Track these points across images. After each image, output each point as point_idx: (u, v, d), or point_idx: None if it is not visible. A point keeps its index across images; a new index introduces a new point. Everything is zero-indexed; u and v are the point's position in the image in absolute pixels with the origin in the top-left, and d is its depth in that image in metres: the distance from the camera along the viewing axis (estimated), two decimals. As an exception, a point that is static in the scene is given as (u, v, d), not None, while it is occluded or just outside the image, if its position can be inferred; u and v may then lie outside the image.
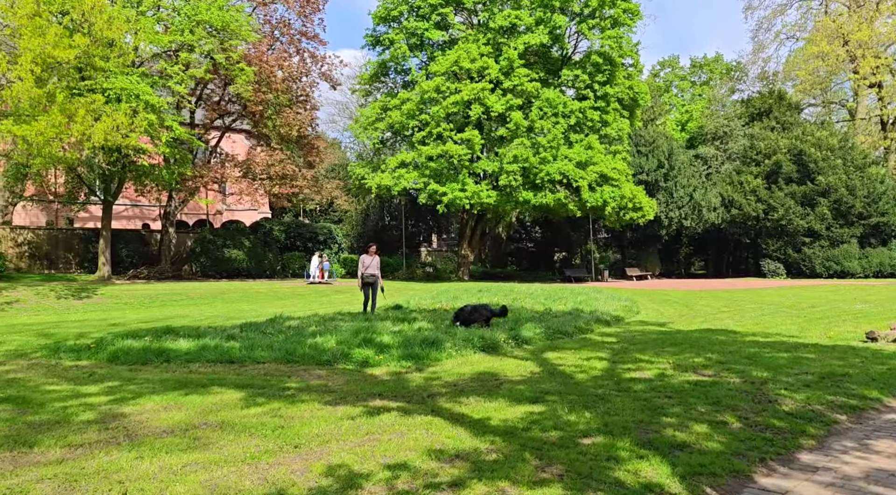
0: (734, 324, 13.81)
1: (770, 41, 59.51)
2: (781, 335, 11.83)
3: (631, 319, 15.32)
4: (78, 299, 21.30)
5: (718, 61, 72.23)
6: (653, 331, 12.64)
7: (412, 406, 6.22)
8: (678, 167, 43.92)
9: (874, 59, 45.84)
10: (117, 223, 45.10)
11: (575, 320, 13.51)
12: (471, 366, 8.63)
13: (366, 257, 15.46)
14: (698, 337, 11.56)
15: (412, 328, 12.03)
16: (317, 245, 45.80)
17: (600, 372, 8.07)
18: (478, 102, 32.99)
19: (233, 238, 38.93)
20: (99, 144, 20.54)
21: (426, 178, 33.19)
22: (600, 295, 21.48)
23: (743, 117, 51.75)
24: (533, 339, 10.98)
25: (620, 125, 36.62)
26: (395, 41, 35.40)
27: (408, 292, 27.22)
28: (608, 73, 35.13)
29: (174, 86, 27.60)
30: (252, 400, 6.38)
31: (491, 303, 17.55)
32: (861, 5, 49.08)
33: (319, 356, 8.82)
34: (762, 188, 42.86)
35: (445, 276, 42.16)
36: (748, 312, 16.61)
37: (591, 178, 33.42)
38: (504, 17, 33.30)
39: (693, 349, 9.99)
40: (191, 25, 28.16)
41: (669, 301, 21.30)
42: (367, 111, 36.61)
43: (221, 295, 25.35)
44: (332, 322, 13.38)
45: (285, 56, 34.60)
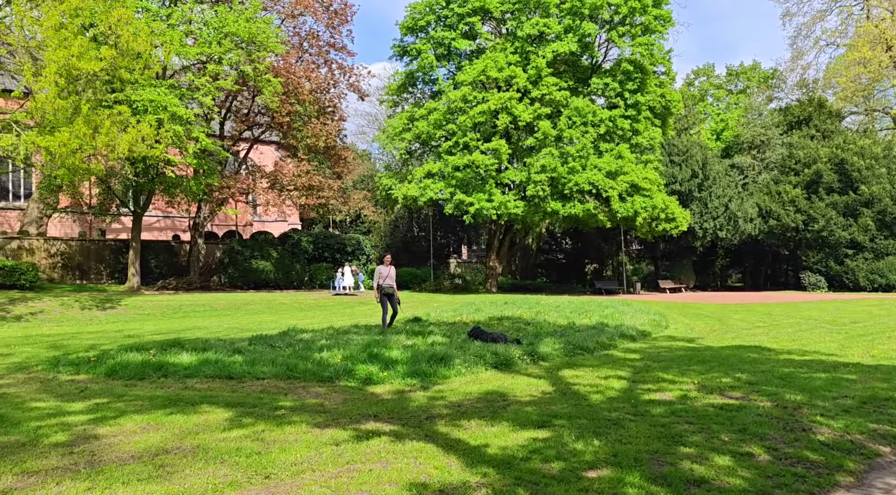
0: (768, 341, 13.02)
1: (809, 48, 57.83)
2: (819, 353, 11.05)
3: (658, 334, 14.61)
4: (101, 310, 21.37)
5: (755, 69, 70.67)
6: (680, 348, 11.95)
7: (407, 430, 5.75)
8: (713, 177, 42.78)
9: (920, 64, 44.13)
10: (149, 234, 45.72)
11: (598, 335, 12.90)
12: (479, 384, 8.13)
13: (382, 268, 14.95)
14: (728, 354, 10.86)
15: (425, 342, 11.57)
16: (345, 256, 45.72)
17: (617, 392, 7.49)
18: (505, 112, 32.53)
19: (261, 249, 39.04)
20: (123, 155, 20.62)
21: (452, 189, 32.80)
22: (629, 308, 20.73)
23: (781, 126, 50.29)
24: (550, 355, 10.42)
25: (652, 134, 35.77)
26: (422, 51, 35.23)
27: (432, 304, 26.78)
28: (639, 80, 34.38)
29: (201, 98, 27.78)
30: (238, 421, 5.99)
31: (513, 316, 17.03)
32: (905, 9, 47.39)
33: (322, 372, 8.42)
34: (802, 198, 41.44)
35: (473, 288, 41.62)
36: (784, 328, 15.75)
37: (622, 188, 32.64)
38: (532, 26, 32.86)
39: (721, 368, 9.32)
40: (218, 37, 28.37)
41: (701, 315, 20.44)
42: (394, 121, 36.46)
43: (245, 306, 25.25)
44: (346, 335, 13.00)
45: (313, 67, 34.70)
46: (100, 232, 39.77)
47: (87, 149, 18.56)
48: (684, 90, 66.40)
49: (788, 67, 61.00)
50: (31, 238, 33.56)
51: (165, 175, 27.89)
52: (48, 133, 17.86)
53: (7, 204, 40.35)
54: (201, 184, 29.94)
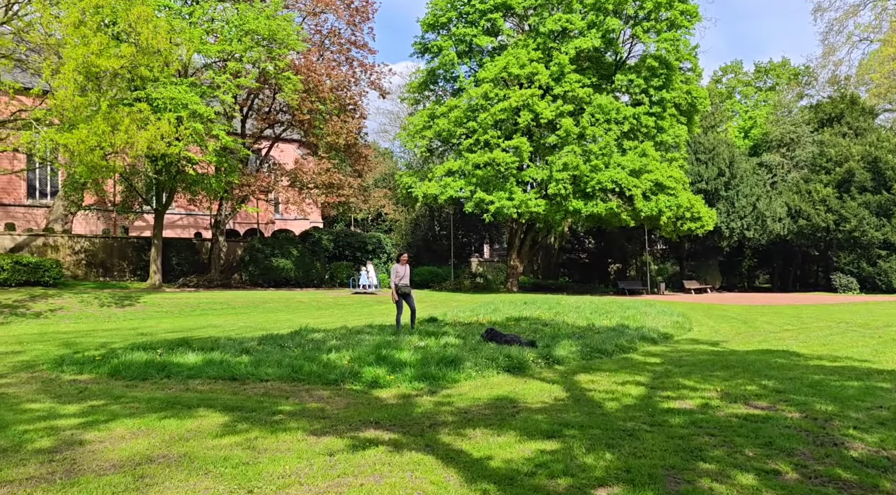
0: (797, 345, 12.48)
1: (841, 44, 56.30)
2: (852, 359, 10.51)
3: (681, 337, 14.11)
4: (120, 307, 21.41)
5: (785, 66, 69.13)
6: (703, 352, 11.48)
7: (407, 439, 5.44)
8: (740, 175, 41.82)
9: (957, 59, 42.68)
10: (172, 232, 46.09)
11: (617, 337, 12.46)
12: (490, 389, 7.79)
13: (398, 266, 14.46)
14: (754, 359, 10.36)
15: (438, 344, 11.26)
16: (365, 254, 45.61)
17: (634, 400, 7.10)
18: (527, 109, 32.08)
19: (281, 247, 39.07)
20: (142, 153, 20.63)
21: (473, 187, 32.44)
22: (651, 309, 20.19)
23: (811, 123, 49.04)
24: (566, 359, 10.03)
25: (677, 131, 35.03)
26: (443, 48, 34.90)
27: (450, 303, 26.47)
28: (664, 77, 33.67)
29: (222, 96, 27.79)
30: (232, 427, 5.72)
31: (531, 316, 16.64)
32: (942, 2, 45.86)
33: (327, 374, 8.14)
34: (833, 197, 40.33)
35: (494, 288, 41.21)
36: (814, 331, 15.14)
37: (646, 187, 31.98)
38: (554, 22, 32.34)
39: (747, 374, 8.86)
40: (239, 35, 28.35)
41: (727, 317, 19.83)
42: (415, 119, 36.19)
43: (263, 304, 25.17)
44: (358, 335, 12.73)
45: (334, 65, 34.57)
46: (123, 229, 40.14)
47: (105, 146, 18.52)
48: (711, 87, 65.18)
49: (819, 64, 59.54)
50: (55, 235, 33.95)
51: (186, 172, 27.91)
52: (67, 130, 17.88)
53: (34, 202, 40.92)
54: (221, 181, 29.99)
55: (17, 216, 39.87)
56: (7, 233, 32.78)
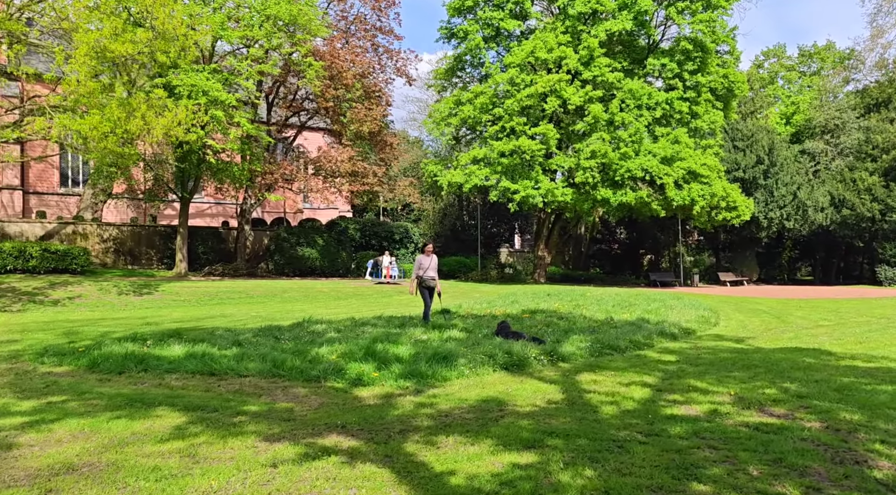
0: (830, 343, 11.58)
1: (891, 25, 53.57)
2: (889, 359, 9.62)
3: (705, 332, 13.29)
4: (138, 296, 21.38)
5: (830, 49, 66.28)
6: (725, 349, 10.69)
7: (368, 447, 4.90)
8: (780, 163, 40.15)
9: None
10: (201, 220, 46.41)
11: (634, 332, 11.74)
12: (481, 388, 7.21)
13: (423, 257, 13.59)
14: (780, 358, 9.55)
15: (441, 337, 10.71)
16: (392, 244, 45.28)
17: (635, 404, 6.43)
18: (554, 95, 31.14)
19: (307, 236, 38.94)
20: (158, 139, 20.47)
21: (498, 175, 31.70)
22: (678, 302, 19.30)
23: (857, 108, 46.87)
24: (573, 356, 9.37)
25: (713, 117, 33.65)
26: (469, 33, 34.09)
27: (473, 294, 25.89)
28: (699, 60, 32.33)
29: (243, 82, 27.55)
30: (183, 430, 5.26)
31: (549, 309, 15.97)
32: None
33: (309, 370, 7.66)
34: (879, 186, 38.46)
35: (521, 278, 40.45)
36: (851, 327, 14.14)
37: (678, 175, 30.80)
38: (584, 3, 31.25)
39: (768, 375, 8.09)
40: (261, 20, 28.05)
41: (759, 311, 18.84)
42: (440, 106, 35.54)
43: (282, 293, 24.96)
44: (362, 327, 12.25)
45: (358, 51, 34.09)
46: (151, 217, 40.47)
47: (119, 132, 18.37)
48: (752, 72, 62.89)
49: (867, 47, 56.82)
50: (85, 223, 34.33)
51: (208, 161, 27.78)
52: (80, 116, 17.77)
53: (67, 190, 41.56)
54: (244, 169, 29.85)
55: (51, 204, 40.54)
56: (37, 221, 33.26)
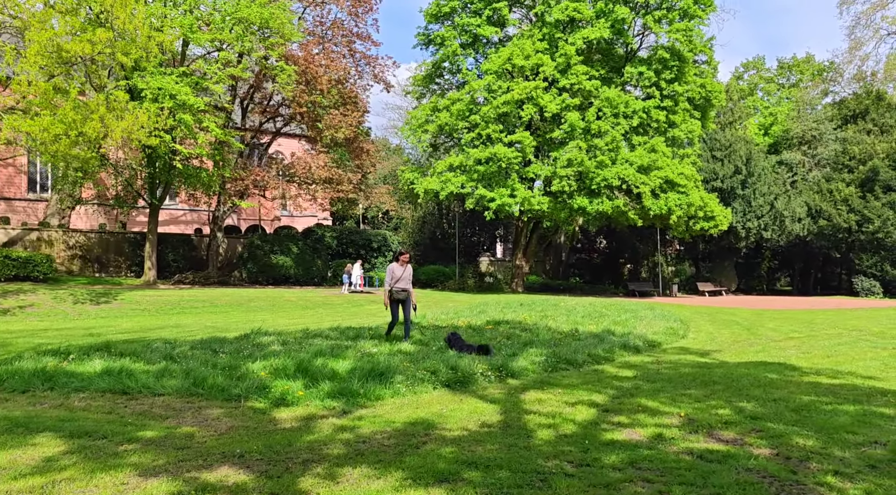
0: (798, 357, 11.17)
1: (868, 38, 53.89)
2: (855, 374, 9.20)
3: (671, 345, 12.85)
4: (95, 305, 20.61)
5: (809, 62, 66.86)
6: (688, 363, 10.23)
7: (259, 482, 4.33)
8: (757, 173, 40.11)
9: None
10: (175, 227, 45.56)
11: (596, 346, 11.26)
12: (414, 409, 6.66)
13: (396, 267, 12.28)
14: (742, 374, 9.10)
15: (391, 350, 10.16)
16: (370, 252, 44.66)
17: (576, 427, 5.92)
18: (531, 102, 30.81)
19: (281, 244, 38.24)
20: (117, 143, 19.80)
21: (474, 183, 31.27)
22: (650, 313, 18.89)
23: (835, 120, 47.05)
24: (525, 371, 8.86)
25: (690, 127, 33.48)
26: (446, 39, 33.73)
27: (446, 304, 25.36)
28: (676, 69, 32.16)
29: (212, 85, 26.91)
30: (52, 463, 4.66)
31: (514, 320, 15.48)
32: (976, -7, 43.64)
33: (231, 388, 7.07)
34: (855, 197, 38.49)
35: (498, 288, 39.99)
36: (821, 340, 13.76)
37: (655, 184, 30.52)
38: (561, 10, 31.00)
39: (726, 393, 7.62)
40: (231, 23, 27.48)
41: (731, 322, 18.46)
42: (417, 112, 35.11)
43: (248, 302, 24.27)
44: (312, 339, 11.67)
45: (333, 56, 33.57)
46: (121, 224, 39.58)
47: (73, 135, 17.70)
48: (732, 83, 63.16)
49: (845, 59, 57.34)
50: (50, 229, 33.42)
51: (175, 166, 27.06)
52: (31, 117, 17.09)
53: (36, 196, 40.60)
54: (214, 175, 29.17)
55: (19, 210, 39.57)
56: (1, 227, 32.32)
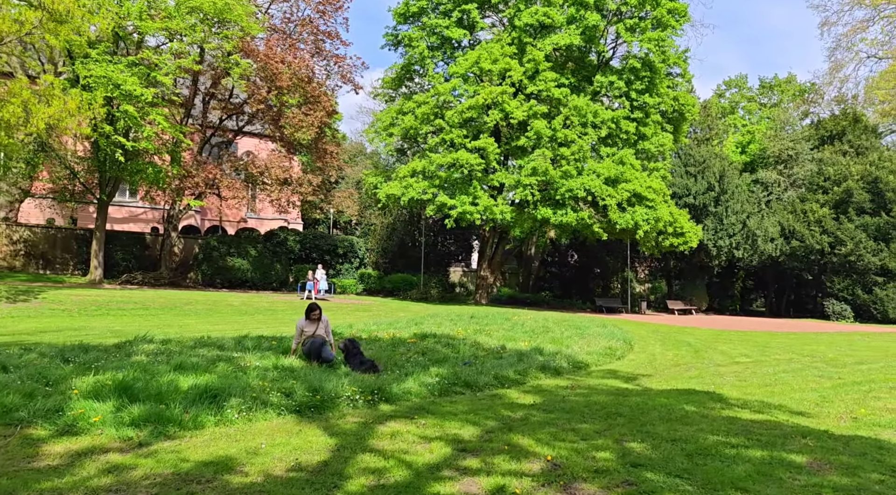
0: (731, 385, 10.12)
1: (849, 60, 53.68)
2: (785, 409, 8.15)
3: (600, 367, 11.77)
4: (11, 303, 19.24)
5: (790, 82, 66.78)
6: (604, 390, 9.14)
7: None
8: (731, 191, 39.37)
9: (968, 77, 40.17)
10: (134, 225, 44.06)
11: (512, 366, 10.17)
12: (230, 442, 5.50)
13: (305, 323, 10.11)
14: (658, 404, 8.02)
15: (279, 364, 9.01)
16: (335, 258, 43.40)
17: (405, 475, 4.78)
18: (497, 107, 29.84)
19: (239, 246, 36.93)
20: (40, 130, 18.53)
21: (435, 189, 30.19)
22: (602, 330, 17.76)
23: (812, 140, 46.53)
24: (407, 395, 7.72)
25: (661, 140, 32.66)
26: (414, 39, 32.74)
27: (398, 313, 24.21)
28: (647, 80, 31.33)
29: (161, 76, 25.71)
30: None
31: (443, 333, 14.38)
32: (955, 17, 43.40)
33: (18, 409, 5.87)
34: (829, 218, 37.80)
35: (462, 299, 38.88)
36: (768, 366, 12.73)
37: (622, 197, 29.58)
38: (531, 15, 30.11)
39: (624, 429, 6.53)
40: (185, 12, 26.31)
41: (683, 343, 17.44)
42: (382, 115, 34.05)
43: (185, 305, 22.95)
44: (200, 348, 10.48)
45: (298, 54, 32.45)
46: (71, 220, 38.10)
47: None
48: (714, 101, 62.82)
49: (826, 80, 57.06)
50: (-8, 223, 31.96)
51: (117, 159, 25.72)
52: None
53: (-12, 188, 38.99)
54: (161, 171, 27.87)
55: (-33, 202, 37.93)
56: (-63, 219, 30.80)
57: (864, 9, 49.47)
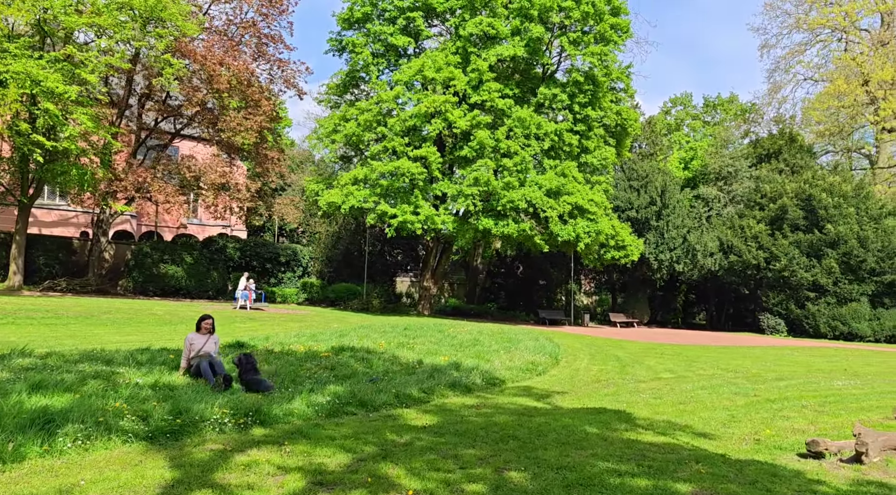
0: (645, 403, 9.82)
1: (787, 81, 55.46)
2: (689, 430, 7.86)
3: (517, 383, 11.37)
4: None
5: (733, 102, 68.66)
6: (511, 409, 8.71)
7: None
8: (672, 205, 39.89)
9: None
10: (65, 229, 42.11)
11: (421, 382, 9.68)
12: (53, 478, 4.83)
13: (195, 336, 9.65)
14: (561, 426, 7.62)
15: (160, 382, 8.29)
16: (277, 267, 42.31)
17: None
18: (440, 116, 29.48)
19: (174, 253, 35.55)
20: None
21: (377, 198, 29.60)
22: (533, 343, 17.39)
23: (750, 158, 47.65)
24: (289, 416, 7.13)
25: (604, 153, 32.81)
26: (358, 45, 32.18)
27: (332, 324, 23.44)
28: (591, 93, 31.44)
29: (86, 74, 24.47)
30: None
31: (362, 347, 13.79)
32: (886, 43, 45.18)
33: None
34: (765, 234, 38.59)
35: (406, 310, 38.30)
36: (688, 382, 12.54)
37: (563, 209, 29.51)
38: (475, 25, 29.91)
39: (511, 454, 6.09)
40: (113, 9, 25.20)
41: (613, 357, 17.24)
42: (325, 121, 33.31)
43: (102, 314, 21.74)
44: (83, 363, 9.65)
45: (235, 54, 31.51)
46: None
47: None
48: (660, 118, 64.03)
49: (765, 101, 58.81)
50: None
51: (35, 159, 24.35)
52: None
53: None
54: (86, 174, 26.56)
55: None
56: None
57: (802, 32, 51.24)
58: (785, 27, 60.90)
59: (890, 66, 42.42)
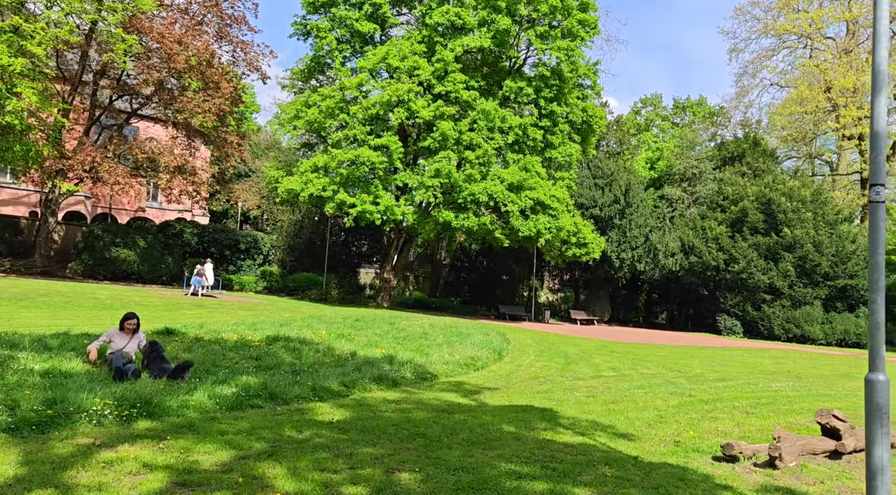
0: (576, 401, 9.57)
1: (754, 86, 56.05)
2: (611, 430, 7.60)
3: (450, 378, 11.04)
4: None
5: (702, 104, 69.30)
6: (433, 405, 8.36)
7: None
8: (636, 204, 39.98)
9: (857, 109, 42.36)
10: (15, 209, 40.74)
11: (343, 375, 9.28)
12: None
13: (116, 333, 9.11)
14: (479, 423, 7.29)
15: (55, 369, 7.77)
16: (237, 254, 41.44)
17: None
18: (403, 106, 29.00)
19: (126, 236, 34.55)
20: None
21: (336, 186, 29.03)
22: (482, 338, 17.09)
23: (715, 160, 48.06)
24: (185, 408, 6.67)
25: (569, 150, 32.66)
26: (322, 30, 31.50)
27: (284, 314, 22.89)
28: (556, 89, 31.24)
29: (32, 47, 23.47)
30: None
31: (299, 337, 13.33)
32: (849, 51, 45.82)
33: None
34: (725, 236, 38.91)
35: (366, 301, 37.79)
36: (628, 381, 12.35)
37: (525, 204, 29.27)
38: (442, 14, 29.46)
39: (411, 453, 5.74)
40: (63, -20, 24.23)
41: (561, 353, 17.04)
42: (287, 106, 32.59)
43: (40, 297, 20.90)
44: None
45: (196, 34, 30.59)
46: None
47: None
48: (630, 117, 64.32)
49: (732, 104, 59.28)
50: None
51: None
52: None
53: None
54: (30, 150, 25.53)
55: None
56: None
57: (770, 38, 51.76)
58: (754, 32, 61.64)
59: (852, 75, 43.01)
